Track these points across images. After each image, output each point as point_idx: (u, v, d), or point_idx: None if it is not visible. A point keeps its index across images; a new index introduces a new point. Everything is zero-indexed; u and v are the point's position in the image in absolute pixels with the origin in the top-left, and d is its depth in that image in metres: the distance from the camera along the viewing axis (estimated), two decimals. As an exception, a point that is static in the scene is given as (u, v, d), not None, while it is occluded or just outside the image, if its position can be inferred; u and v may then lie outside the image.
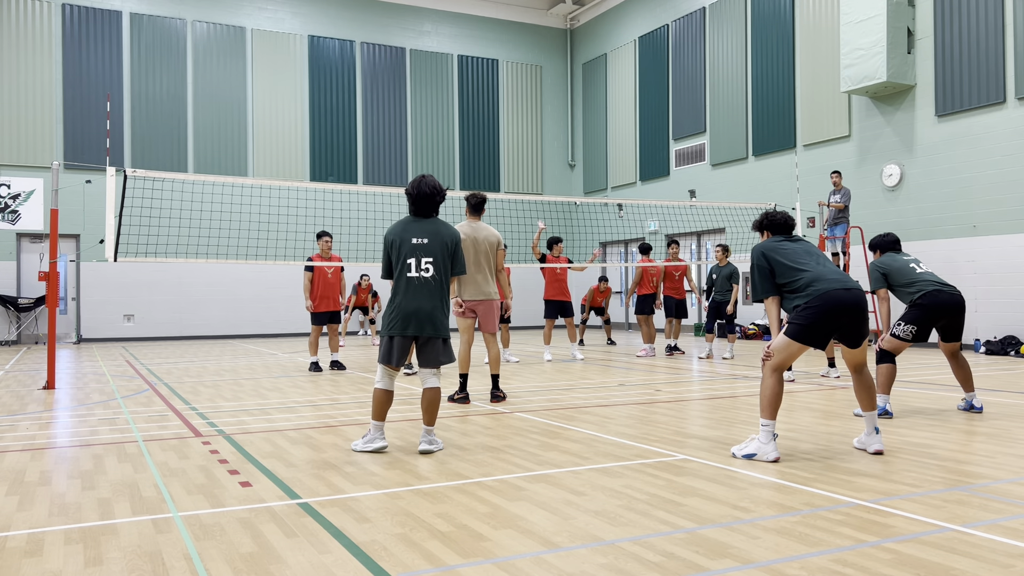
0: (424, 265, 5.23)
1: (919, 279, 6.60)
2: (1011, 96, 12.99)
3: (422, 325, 5.20)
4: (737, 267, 12.37)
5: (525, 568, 3.07)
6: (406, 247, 5.28)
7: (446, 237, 5.36)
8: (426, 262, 5.24)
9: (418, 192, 5.38)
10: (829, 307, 4.99)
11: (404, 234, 5.33)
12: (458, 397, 7.65)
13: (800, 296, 5.07)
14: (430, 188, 5.37)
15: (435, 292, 5.26)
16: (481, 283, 7.56)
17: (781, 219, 5.52)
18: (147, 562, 3.20)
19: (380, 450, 5.29)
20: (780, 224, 5.52)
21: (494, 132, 23.50)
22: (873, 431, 5.12)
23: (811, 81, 16.58)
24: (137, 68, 19.57)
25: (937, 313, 6.53)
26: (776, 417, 4.98)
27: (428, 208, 5.41)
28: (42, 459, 5.27)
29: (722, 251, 12.32)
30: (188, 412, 7.29)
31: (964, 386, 6.79)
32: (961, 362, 6.78)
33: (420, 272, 5.23)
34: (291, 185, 17.05)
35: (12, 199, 18.17)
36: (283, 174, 20.57)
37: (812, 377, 9.57)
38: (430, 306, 5.22)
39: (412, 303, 5.21)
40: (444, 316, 5.31)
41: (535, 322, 22.29)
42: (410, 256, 5.25)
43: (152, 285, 19.29)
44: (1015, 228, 12.92)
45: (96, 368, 11.94)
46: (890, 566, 3.02)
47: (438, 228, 5.37)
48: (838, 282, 5.06)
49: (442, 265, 5.30)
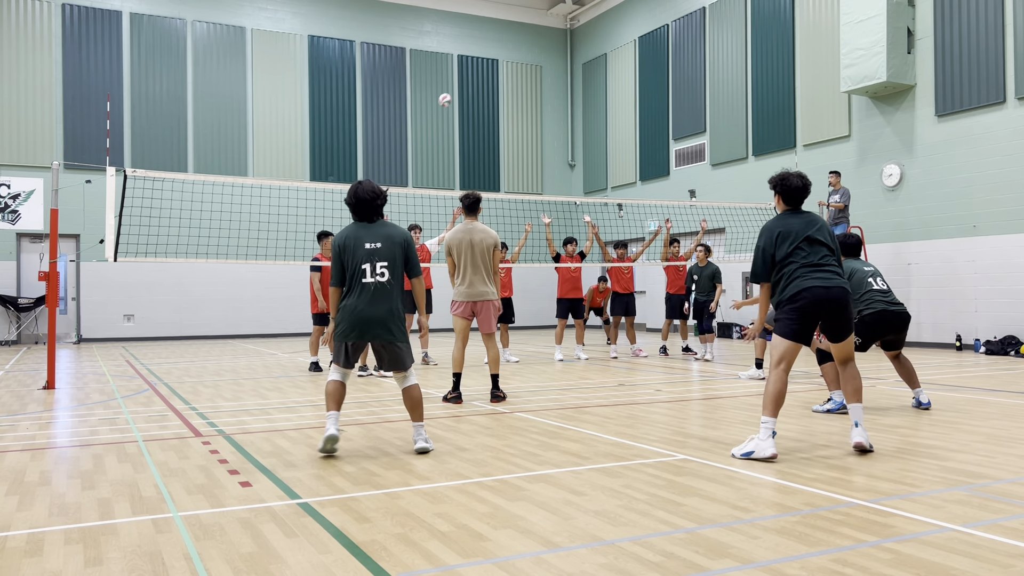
0: (380, 270, 5.17)
1: (870, 295, 6.77)
2: (1011, 96, 12.99)
3: (378, 331, 5.16)
4: (719, 267, 12.28)
5: (525, 568, 3.07)
6: (360, 253, 5.20)
7: (397, 239, 5.28)
8: (381, 267, 5.18)
9: (357, 199, 5.28)
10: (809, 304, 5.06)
11: (355, 240, 5.24)
12: (451, 397, 7.64)
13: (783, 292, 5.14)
14: (368, 193, 5.28)
15: (391, 296, 5.22)
16: (478, 284, 7.54)
17: (796, 185, 5.35)
18: (147, 562, 3.20)
19: (333, 440, 5.14)
20: (793, 192, 5.36)
21: (494, 132, 23.50)
22: (854, 424, 5.13)
23: (811, 81, 16.58)
24: (137, 68, 19.56)
25: (881, 330, 6.80)
26: (776, 415, 4.99)
27: (370, 212, 5.32)
28: (42, 459, 5.27)
29: (704, 251, 12.23)
30: (188, 412, 7.29)
31: (910, 384, 7.00)
32: (903, 361, 7.03)
33: (376, 277, 5.16)
34: (291, 185, 17.04)
35: (12, 199, 18.17)
36: (283, 174, 20.57)
37: (812, 377, 9.58)
38: (385, 311, 5.17)
39: (367, 309, 5.14)
40: (401, 320, 5.28)
41: (535, 322, 22.31)
42: (364, 262, 5.18)
43: (152, 285, 19.28)
44: (1015, 228, 12.92)
45: (96, 368, 11.94)
46: (890, 566, 3.03)
47: (388, 231, 5.29)
48: (819, 279, 5.10)
49: (397, 268, 5.25)
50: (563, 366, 11.51)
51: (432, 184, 22.30)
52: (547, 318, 22.09)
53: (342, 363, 5.31)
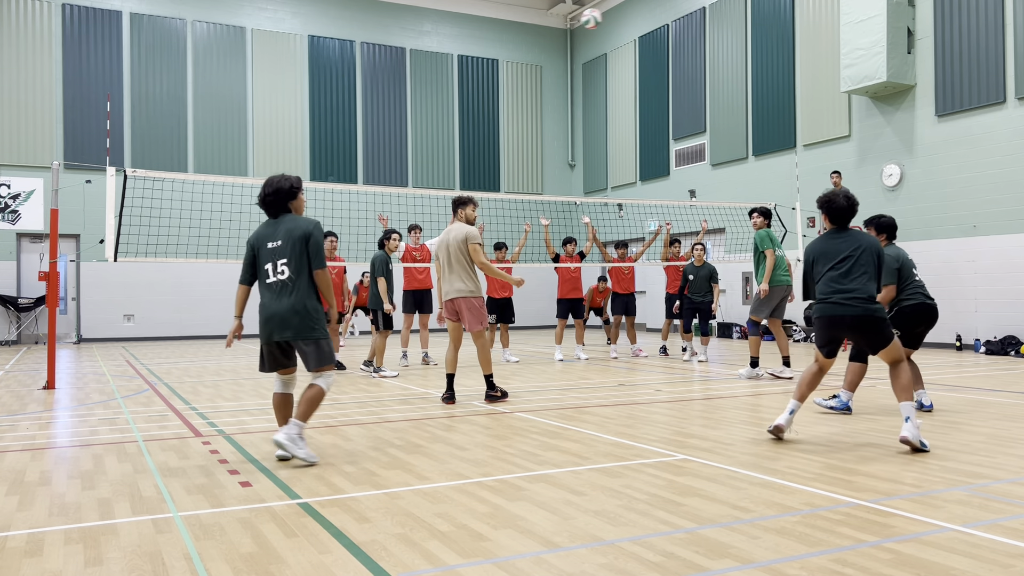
0: (280, 268, 5.01)
1: (913, 286, 6.69)
2: (1011, 96, 12.99)
3: (281, 330, 4.98)
4: (715, 267, 12.17)
5: (525, 568, 3.07)
6: (263, 253, 5.08)
7: (296, 233, 5.03)
8: (281, 264, 5.01)
9: (262, 199, 5.15)
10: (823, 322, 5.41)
11: (260, 240, 5.12)
12: (444, 397, 7.64)
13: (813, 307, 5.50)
14: (271, 189, 5.13)
15: (293, 293, 4.99)
16: (455, 281, 7.46)
17: (842, 206, 5.42)
18: (147, 562, 3.20)
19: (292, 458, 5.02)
20: (838, 212, 5.44)
21: (494, 132, 23.50)
22: (905, 419, 5.15)
23: (811, 81, 16.58)
24: (137, 68, 19.56)
25: (915, 322, 6.71)
26: (803, 400, 5.45)
27: (275, 208, 5.15)
28: (42, 459, 5.27)
29: (701, 250, 12.02)
30: (188, 412, 7.29)
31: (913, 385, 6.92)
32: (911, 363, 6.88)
33: (277, 276, 5.02)
34: (291, 185, 17.04)
35: (12, 199, 18.17)
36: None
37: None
38: (286, 308, 4.96)
39: (270, 308, 5.00)
40: (309, 317, 5.00)
41: (536, 322, 22.30)
42: (266, 262, 5.06)
43: (152, 285, 19.28)
44: (1015, 228, 12.92)
45: (96, 368, 11.94)
46: (890, 566, 3.02)
47: (289, 226, 5.06)
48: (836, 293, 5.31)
49: (298, 263, 5.00)
50: (563, 366, 11.50)
51: (432, 184, 22.30)
52: (547, 318, 22.09)
53: (263, 368, 5.16)
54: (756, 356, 9.51)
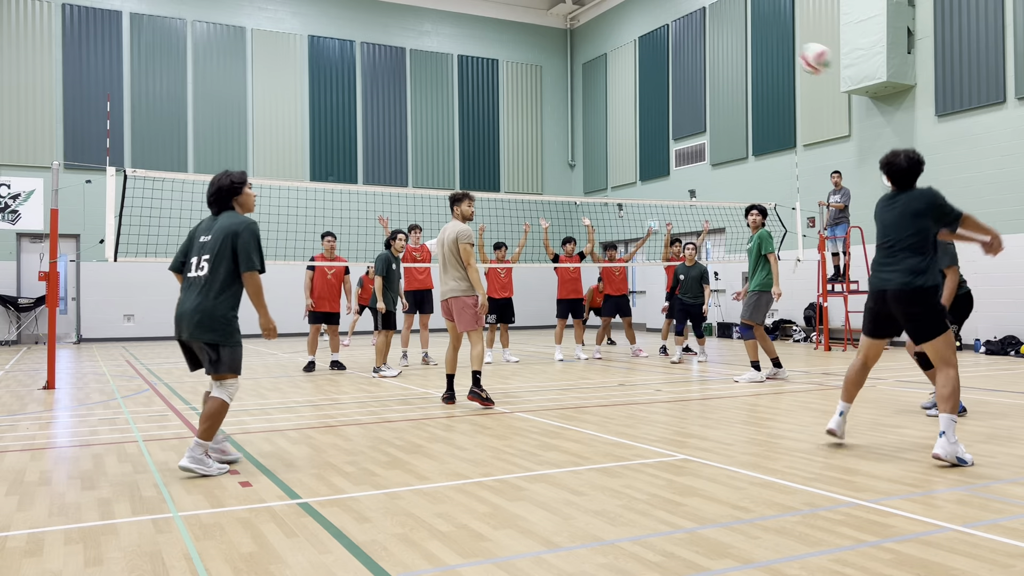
0: (201, 264, 4.79)
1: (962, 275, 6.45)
2: (1011, 96, 12.99)
3: (184, 327, 4.75)
4: (707, 267, 12.10)
5: (525, 568, 3.07)
6: (195, 246, 4.90)
7: (225, 231, 4.78)
8: (204, 260, 4.79)
9: (207, 199, 4.99)
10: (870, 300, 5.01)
11: (197, 232, 4.95)
12: (444, 397, 7.64)
13: None
14: (212, 188, 4.95)
15: (204, 290, 4.73)
16: (448, 280, 7.42)
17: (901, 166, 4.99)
18: (147, 562, 3.20)
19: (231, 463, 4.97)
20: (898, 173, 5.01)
21: (494, 132, 23.50)
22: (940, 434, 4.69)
23: (811, 81, 16.57)
24: (137, 68, 19.56)
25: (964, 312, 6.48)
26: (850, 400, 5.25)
27: (219, 206, 4.96)
28: (42, 459, 5.26)
29: (692, 250, 11.83)
30: (188, 412, 7.29)
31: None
32: None
33: (197, 272, 4.80)
34: (291, 185, 17.04)
35: (12, 199, 18.17)
36: (283, 174, 20.57)
37: (812, 377, 9.57)
38: (192, 306, 4.72)
39: (181, 304, 4.81)
40: (214, 319, 4.71)
41: (536, 322, 22.30)
42: (193, 255, 4.88)
43: (152, 285, 19.26)
44: (1015, 228, 12.92)
45: (96, 368, 11.94)
46: (890, 566, 3.02)
47: (223, 223, 4.84)
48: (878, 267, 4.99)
49: (217, 262, 4.75)
50: (563, 366, 11.50)
51: (432, 184, 22.30)
52: (547, 318, 22.08)
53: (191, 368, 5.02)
54: (757, 359, 9.26)
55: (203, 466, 4.67)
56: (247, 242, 4.77)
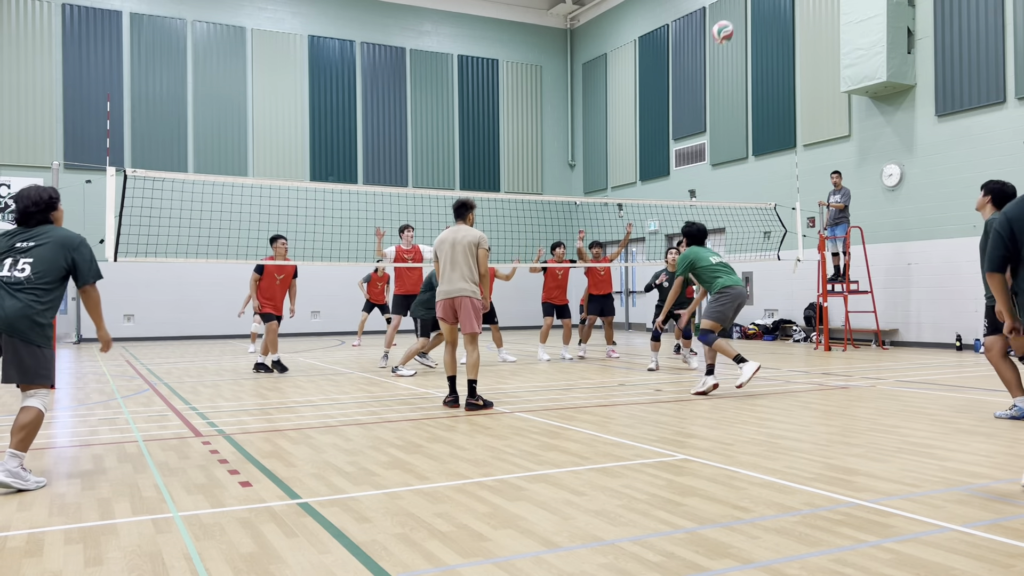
0: (21, 265, 4.58)
1: None
2: (1011, 96, 12.99)
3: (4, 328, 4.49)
4: None
5: (525, 568, 3.07)
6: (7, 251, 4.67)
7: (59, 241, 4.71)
8: (24, 262, 4.59)
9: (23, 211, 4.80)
10: None
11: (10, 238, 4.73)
12: (447, 400, 7.56)
13: None
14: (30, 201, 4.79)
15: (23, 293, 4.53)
16: (456, 280, 7.36)
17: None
18: (147, 562, 3.20)
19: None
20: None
21: (494, 132, 23.50)
22: None
23: (811, 81, 16.58)
24: (137, 68, 19.57)
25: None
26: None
27: (36, 219, 4.79)
28: (42, 459, 5.26)
29: (676, 254, 11.24)
30: (188, 412, 7.29)
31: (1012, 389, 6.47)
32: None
33: (13, 272, 4.56)
34: (291, 185, 17.04)
35: (12, 199, 18.16)
36: (283, 174, 20.57)
37: (812, 377, 9.57)
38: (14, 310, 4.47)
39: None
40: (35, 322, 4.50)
41: (536, 322, 22.28)
42: (6, 258, 4.63)
43: (152, 285, 19.28)
44: (1015, 228, 12.90)
45: (96, 368, 11.94)
46: (890, 566, 3.02)
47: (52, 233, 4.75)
48: None
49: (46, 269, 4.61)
50: (564, 366, 11.50)
51: (432, 184, 22.30)
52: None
53: None
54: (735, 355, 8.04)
55: (21, 480, 4.41)
56: (87, 256, 4.75)
